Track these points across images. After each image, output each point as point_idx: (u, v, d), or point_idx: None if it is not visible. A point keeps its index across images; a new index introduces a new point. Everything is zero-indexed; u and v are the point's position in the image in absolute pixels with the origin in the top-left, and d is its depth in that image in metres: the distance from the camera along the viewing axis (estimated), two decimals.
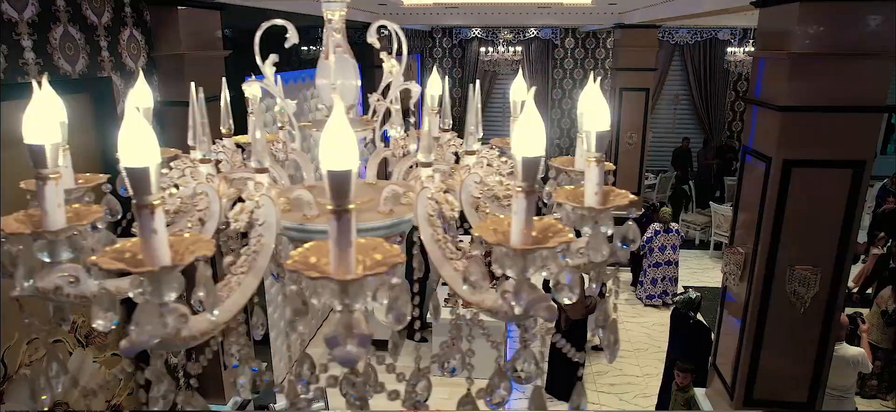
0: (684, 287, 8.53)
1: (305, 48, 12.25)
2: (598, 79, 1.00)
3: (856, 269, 10.31)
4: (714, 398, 5.26)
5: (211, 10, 4.72)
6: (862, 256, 10.40)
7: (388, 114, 1.26)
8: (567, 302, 0.86)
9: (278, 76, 1.31)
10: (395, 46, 1.20)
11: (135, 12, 4.14)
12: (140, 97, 1.30)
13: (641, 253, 9.52)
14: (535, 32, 15.13)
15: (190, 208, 1.00)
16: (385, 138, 1.42)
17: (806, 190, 4.21)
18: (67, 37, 3.48)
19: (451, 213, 0.97)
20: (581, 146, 1.25)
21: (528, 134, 0.75)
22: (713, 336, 5.54)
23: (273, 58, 1.13)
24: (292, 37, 1.14)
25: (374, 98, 1.22)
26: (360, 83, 1.18)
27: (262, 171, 0.93)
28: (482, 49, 13.79)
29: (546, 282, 0.94)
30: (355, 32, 10.52)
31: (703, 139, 15.19)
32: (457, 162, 1.38)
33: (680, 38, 14.85)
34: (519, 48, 13.63)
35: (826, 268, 4.32)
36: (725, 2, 5.37)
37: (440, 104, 1.57)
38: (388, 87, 1.29)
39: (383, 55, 1.20)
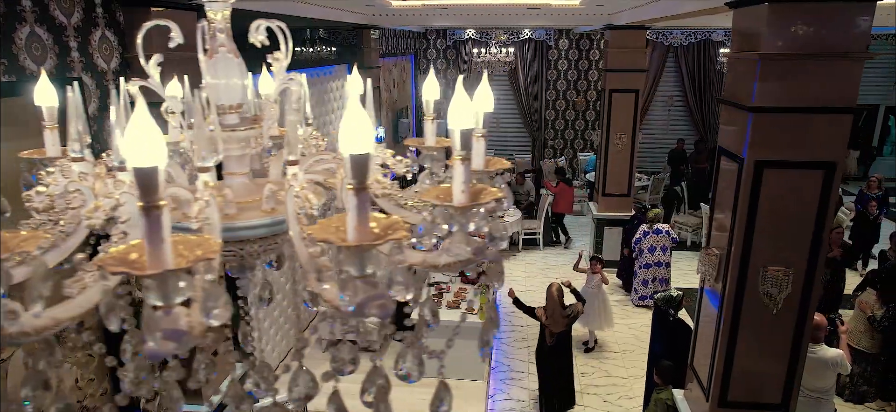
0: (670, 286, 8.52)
1: (298, 49, 12.31)
2: (461, 77, 1.00)
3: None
4: (691, 399, 5.26)
5: (187, 11, 4.73)
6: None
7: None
8: (401, 299, 0.86)
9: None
10: (283, 46, 1.21)
11: (107, 13, 4.16)
12: (43, 97, 1.31)
13: (633, 255, 9.51)
14: (530, 34, 15.14)
15: (64, 207, 1.00)
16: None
17: (778, 191, 4.21)
18: (34, 37, 3.50)
19: (311, 212, 0.98)
20: (478, 146, 1.26)
21: (355, 131, 0.76)
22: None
23: (157, 57, 1.14)
24: (176, 37, 1.15)
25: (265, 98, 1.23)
26: (248, 83, 1.19)
27: (124, 169, 0.94)
28: (476, 50, 13.80)
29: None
30: (349, 34, 10.44)
31: (694, 141, 15.17)
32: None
33: (674, 40, 14.85)
34: (512, 49, 13.64)
35: (798, 269, 4.31)
36: (704, 3, 5.37)
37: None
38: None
39: (272, 57, 1.21)
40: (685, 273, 10.79)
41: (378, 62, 10.64)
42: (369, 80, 1.28)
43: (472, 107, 0.95)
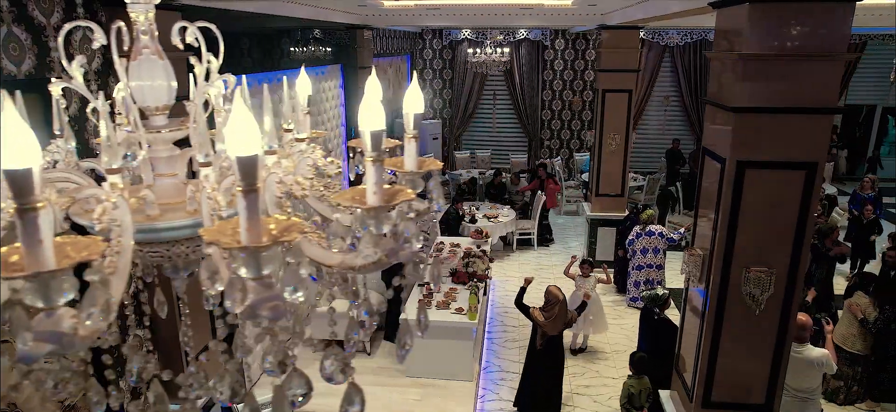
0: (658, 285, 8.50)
1: (292, 49, 12.35)
2: (368, 79, 1.00)
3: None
4: (676, 400, 5.25)
5: (171, 11, 4.73)
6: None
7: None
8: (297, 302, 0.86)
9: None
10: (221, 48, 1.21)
11: (88, 13, 4.16)
12: None
13: (628, 256, 9.47)
14: (526, 34, 15.14)
15: None
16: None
17: (760, 191, 4.21)
18: (11, 37, 3.50)
19: (220, 213, 0.98)
20: (409, 146, 1.26)
21: (241, 133, 0.75)
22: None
23: (79, 59, 1.14)
24: (99, 38, 1.15)
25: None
26: (173, 84, 1.19)
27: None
28: (471, 50, 13.80)
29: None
30: (343, 34, 10.36)
31: (695, 140, 15.17)
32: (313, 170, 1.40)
33: (670, 40, 14.84)
34: (507, 50, 13.62)
35: (780, 269, 4.31)
36: (689, 3, 5.37)
37: (309, 104, 1.58)
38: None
39: (193, 60, 1.21)
40: (677, 273, 10.75)
41: (371, 62, 10.64)
42: (294, 83, 1.28)
43: (382, 109, 0.95)
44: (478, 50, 13.49)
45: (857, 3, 3.81)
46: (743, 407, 4.71)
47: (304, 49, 11.59)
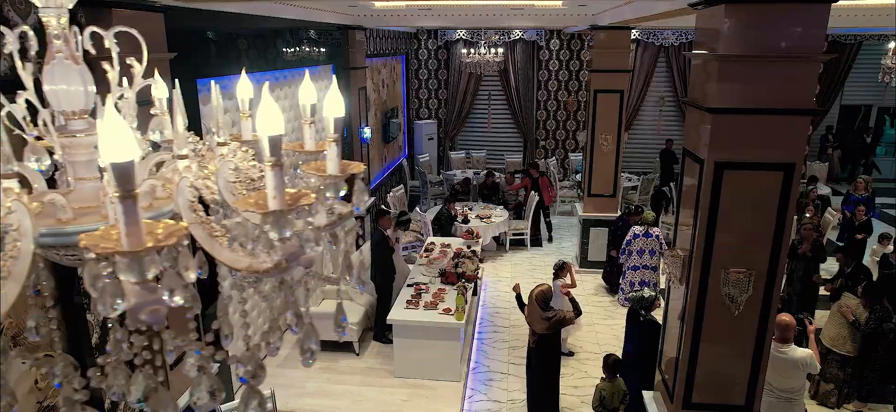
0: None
1: (286, 49, 12.35)
2: (266, 84, 1.01)
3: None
4: (658, 400, 5.25)
5: (153, 12, 4.73)
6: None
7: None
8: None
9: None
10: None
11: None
12: None
13: (621, 259, 9.43)
14: (521, 34, 15.13)
15: None
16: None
17: (738, 192, 4.20)
18: None
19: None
20: (330, 150, 1.27)
21: (114, 139, 0.76)
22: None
23: None
24: (11, 43, 1.16)
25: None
26: (91, 88, 1.20)
27: None
28: (465, 51, 13.80)
29: None
30: (337, 34, 10.31)
31: None
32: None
33: (665, 40, 14.83)
34: (501, 50, 13.61)
35: (759, 270, 4.31)
36: (672, 4, 5.37)
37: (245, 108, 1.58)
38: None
39: (106, 65, 1.22)
40: None
41: (364, 63, 10.65)
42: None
43: (280, 113, 0.95)
44: (472, 50, 13.48)
45: (833, 3, 3.81)
46: (723, 407, 4.71)
47: (298, 49, 11.60)
